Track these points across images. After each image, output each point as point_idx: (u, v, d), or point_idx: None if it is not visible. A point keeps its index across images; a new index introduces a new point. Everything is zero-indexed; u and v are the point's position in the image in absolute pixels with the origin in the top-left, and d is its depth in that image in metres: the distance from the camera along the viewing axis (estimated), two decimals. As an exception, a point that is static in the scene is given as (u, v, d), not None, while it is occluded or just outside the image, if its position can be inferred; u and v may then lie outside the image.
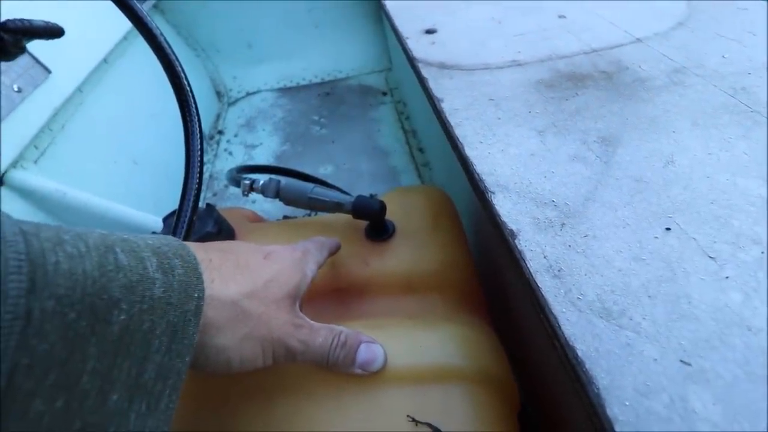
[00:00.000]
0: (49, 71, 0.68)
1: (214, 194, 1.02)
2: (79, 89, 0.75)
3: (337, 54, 1.34)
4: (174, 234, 0.37)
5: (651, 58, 0.40)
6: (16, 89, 0.62)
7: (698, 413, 0.18)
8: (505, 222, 0.27)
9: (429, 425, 0.28)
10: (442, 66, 0.45)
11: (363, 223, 0.48)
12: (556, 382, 0.31)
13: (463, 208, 0.49)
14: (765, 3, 0.47)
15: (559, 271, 0.24)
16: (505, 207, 0.28)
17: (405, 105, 1.18)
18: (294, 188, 0.49)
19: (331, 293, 0.45)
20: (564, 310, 0.22)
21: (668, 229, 0.25)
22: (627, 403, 0.19)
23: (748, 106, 0.33)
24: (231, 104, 1.31)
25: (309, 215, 0.82)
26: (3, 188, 0.58)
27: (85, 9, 0.82)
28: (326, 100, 1.26)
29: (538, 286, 0.23)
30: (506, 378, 0.31)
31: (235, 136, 1.19)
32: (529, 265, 0.24)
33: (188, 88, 0.42)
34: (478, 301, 0.43)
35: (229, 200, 1.00)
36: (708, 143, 0.30)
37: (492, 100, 0.38)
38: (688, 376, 0.19)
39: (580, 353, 0.21)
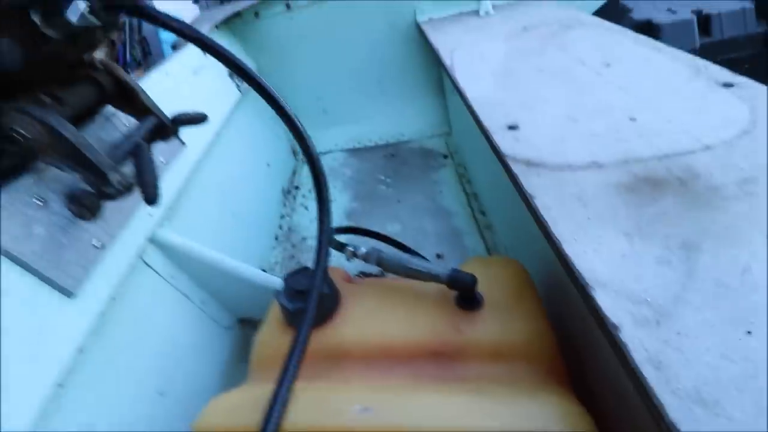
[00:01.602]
0: (184, 144, 0.83)
1: (293, 245, 1.13)
2: (199, 159, 0.90)
3: (400, 118, 1.48)
4: (309, 298, 0.46)
5: (721, 165, 0.46)
6: (162, 161, 0.77)
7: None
8: (608, 316, 0.33)
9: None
10: (529, 163, 0.53)
11: (452, 292, 0.55)
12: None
13: (533, 274, 0.56)
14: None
15: (659, 363, 0.30)
16: (605, 302, 0.34)
17: (465, 168, 1.27)
18: (395, 259, 0.58)
19: (427, 355, 0.51)
20: (667, 397, 0.28)
21: (749, 332, 0.31)
22: (729, 481, 0.24)
23: (816, 219, 0.38)
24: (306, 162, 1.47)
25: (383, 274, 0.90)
26: (151, 245, 0.71)
27: (202, 86, 0.99)
28: (391, 161, 1.38)
29: (644, 375, 0.29)
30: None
31: (310, 191, 1.32)
32: (633, 357, 0.30)
33: (322, 172, 0.53)
34: (561, 371, 0.48)
35: (306, 252, 1.11)
36: (780, 254, 0.36)
37: (580, 200, 0.45)
38: (779, 462, 0.25)
39: (684, 435, 0.26)
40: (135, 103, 0.64)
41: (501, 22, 1.10)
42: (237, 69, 0.53)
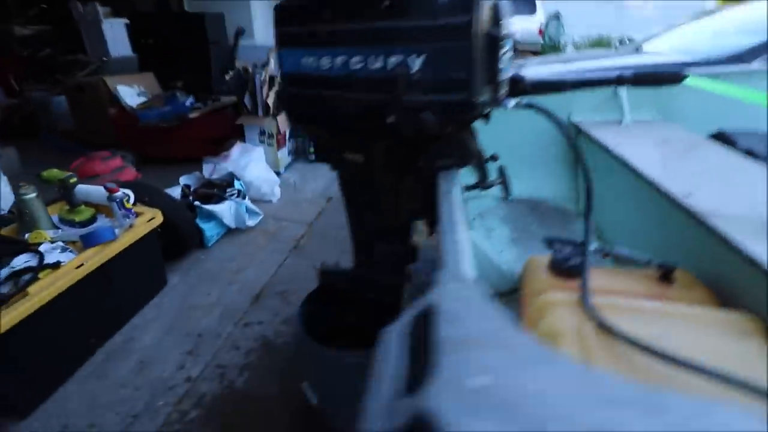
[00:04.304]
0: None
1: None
2: None
3: (542, 182, 2.01)
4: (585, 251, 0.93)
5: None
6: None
7: None
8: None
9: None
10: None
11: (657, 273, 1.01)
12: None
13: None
14: None
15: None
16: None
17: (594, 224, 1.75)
18: (622, 252, 1.05)
19: (645, 295, 0.96)
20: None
21: None
22: None
23: None
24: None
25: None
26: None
27: None
28: (534, 211, 1.90)
29: None
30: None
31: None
32: None
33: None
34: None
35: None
36: None
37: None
38: None
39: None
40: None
41: (643, 134, 1.64)
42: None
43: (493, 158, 1.16)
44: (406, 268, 1.41)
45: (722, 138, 1.62)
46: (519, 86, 1.05)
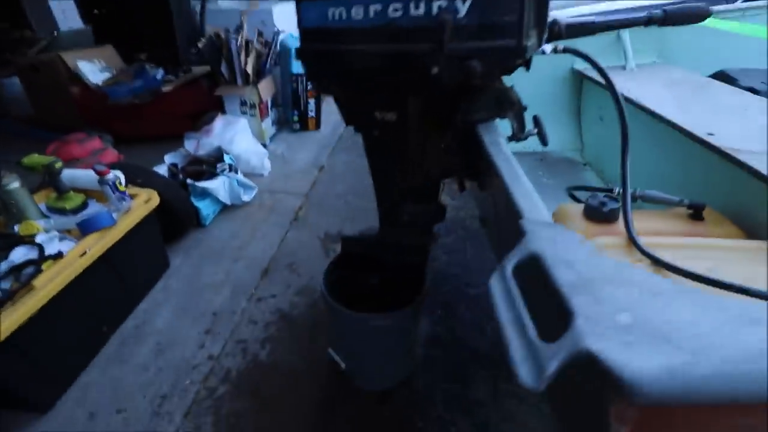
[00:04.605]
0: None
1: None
2: None
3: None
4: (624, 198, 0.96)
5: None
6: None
7: None
8: None
9: None
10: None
11: (687, 211, 1.05)
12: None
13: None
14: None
15: None
16: None
17: (603, 172, 1.79)
18: (651, 193, 1.08)
19: (675, 234, 1.01)
20: None
21: None
22: None
23: None
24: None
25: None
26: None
27: None
28: (541, 163, 1.91)
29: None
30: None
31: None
32: None
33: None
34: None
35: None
36: None
37: None
38: None
39: None
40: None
41: (649, 77, 1.65)
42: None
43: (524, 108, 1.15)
44: (433, 228, 1.42)
45: (723, 77, 1.65)
46: (554, 30, 1.02)
